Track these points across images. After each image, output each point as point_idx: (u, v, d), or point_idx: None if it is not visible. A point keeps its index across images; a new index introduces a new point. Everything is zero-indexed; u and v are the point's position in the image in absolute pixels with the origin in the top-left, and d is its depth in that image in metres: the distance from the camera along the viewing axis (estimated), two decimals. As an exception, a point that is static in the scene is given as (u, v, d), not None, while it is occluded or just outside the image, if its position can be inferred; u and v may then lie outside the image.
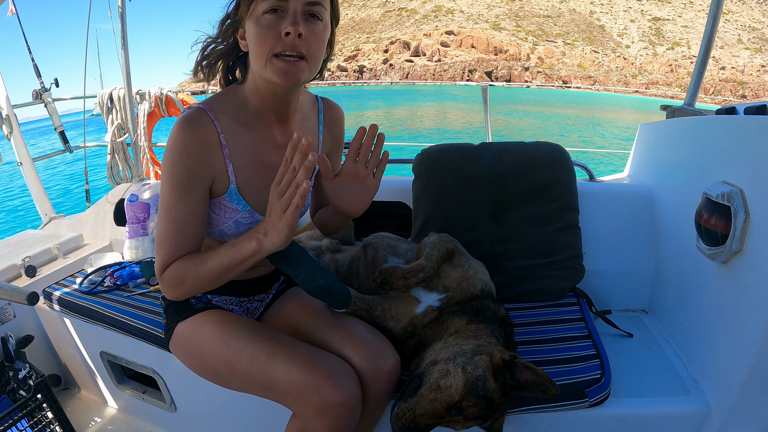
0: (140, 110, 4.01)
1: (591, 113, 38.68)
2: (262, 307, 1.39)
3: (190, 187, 1.03)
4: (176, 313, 1.25)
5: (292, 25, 0.94)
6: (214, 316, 1.21)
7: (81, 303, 1.75)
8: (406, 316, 1.29)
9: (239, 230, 1.14)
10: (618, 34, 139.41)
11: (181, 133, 1.02)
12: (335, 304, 1.17)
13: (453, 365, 1.06)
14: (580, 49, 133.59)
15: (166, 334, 1.28)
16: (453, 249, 1.36)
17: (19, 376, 1.71)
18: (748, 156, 1.20)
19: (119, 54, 2.55)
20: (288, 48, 0.96)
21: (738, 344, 1.16)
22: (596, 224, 1.78)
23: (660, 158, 1.80)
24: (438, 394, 1.03)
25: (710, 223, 1.22)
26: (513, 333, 1.30)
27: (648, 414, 1.25)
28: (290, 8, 0.96)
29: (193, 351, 1.21)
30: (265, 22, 0.96)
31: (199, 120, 1.03)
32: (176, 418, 1.76)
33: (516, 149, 1.76)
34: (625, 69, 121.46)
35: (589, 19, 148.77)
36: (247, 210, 1.12)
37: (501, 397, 1.05)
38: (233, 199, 1.11)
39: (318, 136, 1.24)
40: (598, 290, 1.76)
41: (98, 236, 2.44)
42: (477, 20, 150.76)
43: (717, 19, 2.06)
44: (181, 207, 1.03)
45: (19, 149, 2.80)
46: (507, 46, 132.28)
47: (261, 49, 0.98)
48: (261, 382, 1.11)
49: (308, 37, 0.97)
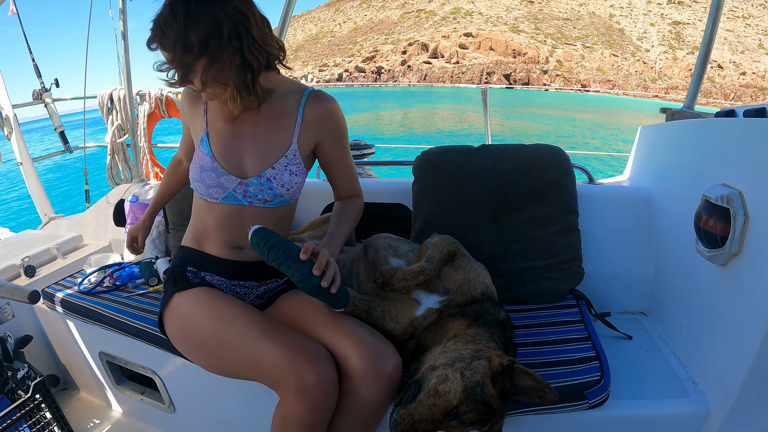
0: (140, 111, 4.02)
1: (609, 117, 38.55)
2: (252, 295, 1.42)
3: (183, 120, 1.45)
4: (174, 284, 1.32)
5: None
6: (212, 292, 1.29)
7: (80, 303, 1.75)
8: (405, 318, 1.29)
9: (202, 174, 1.29)
10: (638, 38, 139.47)
11: (183, 91, 1.38)
12: (333, 303, 1.17)
13: (451, 371, 1.06)
14: (599, 52, 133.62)
15: (162, 305, 1.34)
16: (455, 251, 1.36)
17: (18, 376, 1.71)
18: (747, 158, 1.20)
19: (119, 54, 2.55)
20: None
21: (737, 346, 1.16)
22: (596, 226, 1.79)
23: (659, 160, 1.80)
24: (436, 399, 1.03)
25: (709, 225, 1.22)
26: (513, 336, 1.30)
27: (647, 415, 1.25)
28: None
29: (185, 321, 1.26)
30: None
31: (189, 91, 1.37)
32: (175, 419, 1.76)
33: (516, 151, 1.76)
34: (644, 73, 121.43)
35: (608, 23, 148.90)
36: (209, 156, 1.29)
37: (500, 402, 1.04)
38: (203, 145, 1.30)
39: (296, 118, 1.32)
40: (598, 292, 1.76)
41: (98, 237, 2.44)
42: (496, 22, 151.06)
43: (716, 21, 2.07)
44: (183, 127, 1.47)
45: (20, 149, 2.80)
46: (526, 48, 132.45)
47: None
48: (247, 360, 1.15)
49: (213, 92, 1.21)
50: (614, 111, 47.72)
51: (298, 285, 1.12)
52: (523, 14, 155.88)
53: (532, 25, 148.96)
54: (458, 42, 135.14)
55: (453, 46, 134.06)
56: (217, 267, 1.36)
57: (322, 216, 1.83)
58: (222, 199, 1.30)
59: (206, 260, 1.36)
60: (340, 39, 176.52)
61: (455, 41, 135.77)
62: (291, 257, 1.11)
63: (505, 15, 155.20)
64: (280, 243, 1.12)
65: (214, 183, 1.29)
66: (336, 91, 1.75)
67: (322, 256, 1.14)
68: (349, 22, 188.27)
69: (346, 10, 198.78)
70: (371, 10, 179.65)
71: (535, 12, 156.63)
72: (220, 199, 1.30)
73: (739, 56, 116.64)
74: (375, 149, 3.01)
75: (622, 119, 35.94)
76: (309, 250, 1.12)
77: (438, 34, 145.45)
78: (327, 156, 1.39)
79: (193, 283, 1.31)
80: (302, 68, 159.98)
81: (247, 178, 1.29)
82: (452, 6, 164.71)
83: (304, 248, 1.12)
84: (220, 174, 1.28)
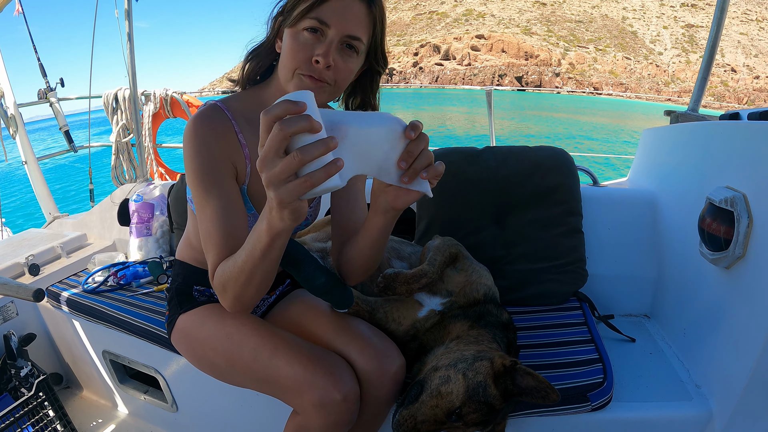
0: (145, 111, 4.03)
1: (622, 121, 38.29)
2: (264, 307, 1.39)
3: (217, 177, 0.98)
4: (179, 305, 1.26)
5: (323, 57, 0.94)
6: (217, 310, 1.22)
7: (84, 302, 1.76)
8: (408, 320, 1.29)
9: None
10: (651, 41, 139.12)
11: (198, 127, 0.98)
12: (337, 303, 1.17)
13: (454, 371, 1.06)
14: (611, 55, 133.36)
15: (168, 326, 1.29)
16: (457, 253, 1.36)
17: (21, 374, 1.72)
18: (751, 161, 1.20)
19: (125, 54, 2.56)
20: (314, 74, 0.96)
21: (740, 349, 1.16)
22: (599, 228, 1.78)
23: (663, 163, 1.80)
24: (439, 400, 1.03)
25: (713, 228, 1.22)
26: (516, 337, 1.30)
27: (650, 418, 1.25)
28: (329, 35, 0.95)
29: (195, 343, 1.22)
30: (302, 40, 0.95)
31: (214, 115, 1.01)
32: (178, 418, 1.76)
33: (520, 153, 1.76)
34: (657, 76, 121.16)
35: (621, 25, 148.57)
36: (252, 213, 1.11)
37: (502, 402, 1.04)
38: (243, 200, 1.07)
39: None
40: (601, 294, 1.76)
41: (102, 236, 2.44)
42: (508, 24, 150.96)
43: (721, 24, 2.06)
44: (214, 201, 0.97)
45: (24, 148, 2.81)
46: (538, 51, 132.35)
47: (290, 63, 0.97)
48: (262, 377, 1.11)
49: (338, 67, 0.97)
50: (627, 114, 47.45)
51: (304, 285, 1.11)
52: (535, 16, 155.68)
53: (544, 27, 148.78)
54: (470, 44, 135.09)
55: (465, 48, 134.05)
56: None
57: (325, 217, 1.83)
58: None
59: None
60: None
61: (467, 43, 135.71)
62: (297, 258, 1.09)
63: (517, 17, 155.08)
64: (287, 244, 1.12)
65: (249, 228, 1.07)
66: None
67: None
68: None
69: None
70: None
71: (548, 14, 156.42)
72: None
73: (753, 60, 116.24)
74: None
75: (634, 123, 35.77)
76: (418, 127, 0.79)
77: (450, 35, 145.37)
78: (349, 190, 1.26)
79: (199, 302, 1.25)
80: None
81: None
82: (464, 8, 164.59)
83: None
84: (256, 220, 1.06)
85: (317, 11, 0.93)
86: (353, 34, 0.95)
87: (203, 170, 0.97)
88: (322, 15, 0.93)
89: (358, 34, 0.96)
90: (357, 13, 0.95)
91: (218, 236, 0.96)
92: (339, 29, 0.94)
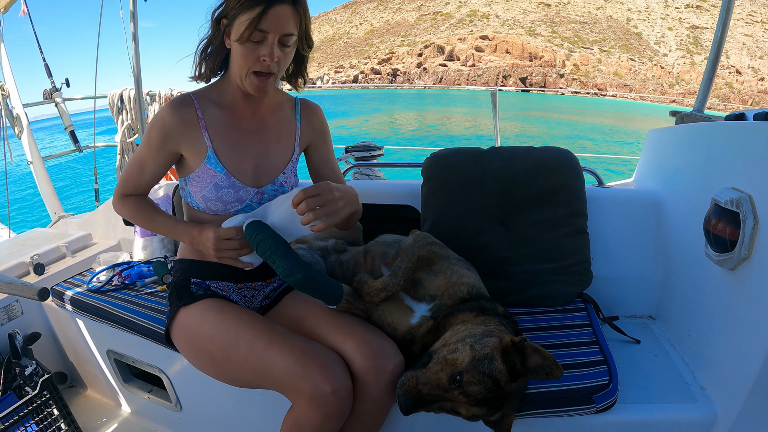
0: (150, 111, 4.04)
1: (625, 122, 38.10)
2: (259, 296, 1.43)
3: (153, 142, 1.28)
4: (178, 299, 1.32)
5: (269, 56, 1.18)
6: (216, 304, 1.29)
7: (89, 301, 1.76)
8: (402, 326, 1.28)
9: (218, 193, 1.29)
10: (655, 42, 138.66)
11: (165, 109, 1.27)
12: (324, 299, 1.19)
13: (462, 344, 1.09)
14: (616, 56, 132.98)
15: (168, 320, 1.34)
16: (428, 256, 1.33)
17: (26, 372, 1.73)
18: (757, 162, 1.19)
19: (130, 55, 2.57)
20: (264, 69, 1.21)
21: (745, 351, 1.15)
22: (604, 230, 1.78)
23: (669, 164, 1.79)
24: (444, 365, 1.06)
25: (718, 229, 1.22)
26: (519, 329, 1.29)
27: (655, 420, 1.25)
28: (269, 39, 1.18)
29: (193, 336, 1.26)
30: (250, 47, 1.19)
31: (182, 101, 1.28)
32: (181, 418, 1.77)
33: (525, 154, 1.75)
34: (661, 78, 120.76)
35: (625, 27, 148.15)
36: (224, 173, 1.28)
37: (508, 379, 1.04)
38: (212, 164, 1.28)
39: (296, 124, 1.42)
40: (606, 296, 1.75)
41: (107, 236, 2.45)
42: (512, 25, 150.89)
43: (726, 24, 2.05)
44: (148, 158, 1.30)
45: (30, 148, 2.83)
46: (542, 52, 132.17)
47: (244, 64, 1.21)
48: (257, 369, 1.16)
49: (280, 59, 1.21)
50: (630, 116, 47.24)
51: (284, 279, 1.14)
52: (539, 17, 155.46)
53: (548, 28, 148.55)
54: (474, 45, 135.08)
55: (469, 49, 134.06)
56: (223, 273, 1.37)
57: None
58: (238, 210, 1.32)
59: (210, 268, 1.37)
60: (356, 41, 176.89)
61: (471, 44, 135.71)
62: (277, 251, 1.13)
63: (521, 18, 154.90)
64: (270, 237, 1.15)
65: (232, 198, 1.31)
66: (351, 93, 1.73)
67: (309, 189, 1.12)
68: (366, 24, 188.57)
69: (362, 11, 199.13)
70: (388, 12, 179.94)
71: (552, 15, 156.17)
72: (235, 211, 1.32)
73: (758, 61, 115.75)
74: (384, 151, 3.01)
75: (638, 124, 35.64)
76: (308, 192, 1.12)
77: (454, 36, 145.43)
78: (318, 156, 1.47)
79: (197, 296, 1.31)
80: (318, 70, 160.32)
81: (262, 187, 1.34)
82: (469, 9, 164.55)
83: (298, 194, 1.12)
84: (238, 188, 1.30)
85: (258, 25, 1.15)
86: (287, 32, 1.19)
87: (150, 132, 1.29)
88: (261, 26, 1.15)
89: (290, 30, 1.19)
90: (287, 14, 1.17)
91: (126, 175, 1.35)
92: (276, 32, 1.17)
